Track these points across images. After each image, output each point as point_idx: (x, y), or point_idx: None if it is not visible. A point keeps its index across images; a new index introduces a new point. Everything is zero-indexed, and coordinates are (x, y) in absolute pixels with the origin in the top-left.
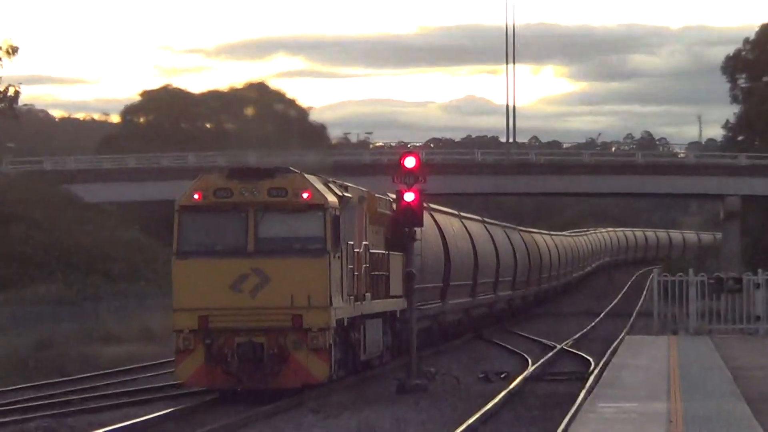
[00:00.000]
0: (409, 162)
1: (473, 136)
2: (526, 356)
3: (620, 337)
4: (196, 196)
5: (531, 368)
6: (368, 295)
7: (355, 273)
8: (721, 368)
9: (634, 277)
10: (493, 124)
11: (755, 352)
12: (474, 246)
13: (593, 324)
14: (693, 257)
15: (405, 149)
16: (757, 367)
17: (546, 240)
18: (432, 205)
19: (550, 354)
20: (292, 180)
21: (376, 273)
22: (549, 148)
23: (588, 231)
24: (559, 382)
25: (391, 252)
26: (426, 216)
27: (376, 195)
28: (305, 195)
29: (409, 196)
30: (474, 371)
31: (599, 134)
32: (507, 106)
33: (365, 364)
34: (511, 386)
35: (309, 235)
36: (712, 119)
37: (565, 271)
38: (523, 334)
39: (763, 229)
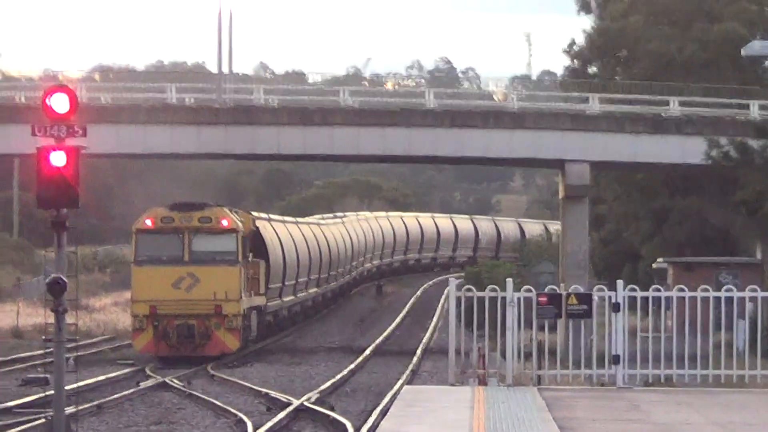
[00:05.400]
0: (59, 103)
1: (166, 62)
2: (243, 417)
3: (395, 387)
4: (148, 222)
5: None
6: (252, 292)
7: (249, 277)
8: None
9: (419, 291)
10: (199, 47)
11: (611, 413)
12: (297, 247)
13: (354, 365)
14: (513, 260)
15: (53, 82)
16: None
17: (280, 231)
18: (271, 215)
19: (283, 414)
20: (215, 211)
21: (254, 276)
22: (287, 84)
23: (347, 216)
24: None
25: (259, 260)
26: (269, 224)
27: (248, 214)
28: (225, 222)
29: (58, 159)
30: None
31: (369, 60)
32: (219, 17)
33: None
34: None
35: (226, 250)
36: (548, 40)
37: (308, 281)
38: (240, 381)
39: (625, 216)
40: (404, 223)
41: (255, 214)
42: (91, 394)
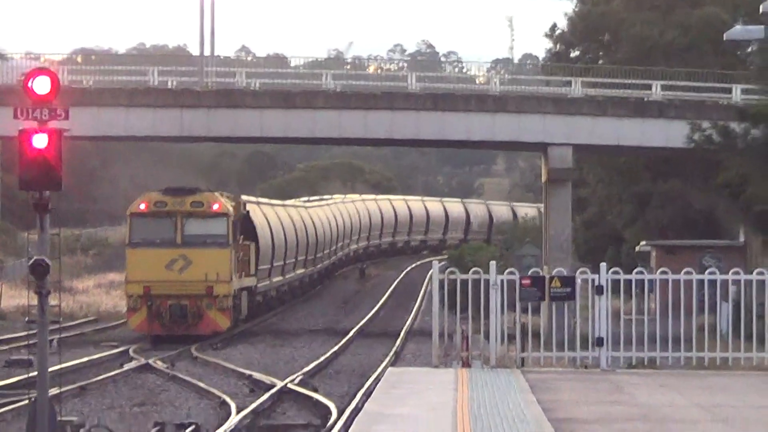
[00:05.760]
0: (41, 85)
1: (148, 45)
2: (227, 399)
3: (379, 369)
4: (142, 206)
5: (235, 418)
6: (243, 273)
7: (239, 259)
8: (540, 422)
9: (403, 274)
10: (181, 30)
11: (594, 395)
12: (284, 229)
13: (337, 348)
14: (499, 242)
15: (35, 65)
16: (598, 419)
17: (269, 214)
18: (259, 198)
19: (267, 395)
20: (206, 196)
21: (244, 258)
22: (269, 67)
23: (332, 199)
24: None
25: (249, 242)
26: (258, 207)
27: (238, 198)
28: (215, 206)
29: (40, 141)
30: (143, 421)
31: (350, 44)
32: None
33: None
34: None
35: (217, 233)
36: (530, 24)
37: (296, 262)
38: (223, 363)
39: (608, 199)
40: (392, 205)
41: (245, 197)
42: (74, 375)
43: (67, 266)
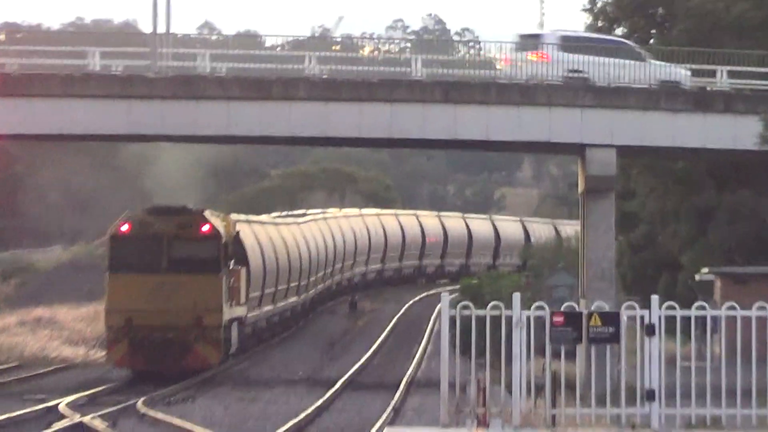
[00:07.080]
0: None
1: (87, 20)
2: None
3: (374, 430)
4: (124, 228)
5: None
6: (234, 302)
7: (230, 286)
8: None
9: (404, 308)
10: (129, 3)
11: None
12: (276, 252)
13: (321, 402)
14: (522, 268)
15: None
16: None
17: (260, 234)
18: (249, 217)
19: None
20: (195, 216)
21: (234, 285)
22: (239, 48)
23: (317, 214)
24: None
25: (240, 267)
26: (248, 227)
27: (228, 217)
28: (205, 228)
29: None
30: None
31: (340, 19)
32: None
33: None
34: None
35: (207, 257)
36: None
37: (288, 289)
38: (176, 422)
39: (662, 215)
40: (381, 221)
41: (234, 216)
42: None
43: None
